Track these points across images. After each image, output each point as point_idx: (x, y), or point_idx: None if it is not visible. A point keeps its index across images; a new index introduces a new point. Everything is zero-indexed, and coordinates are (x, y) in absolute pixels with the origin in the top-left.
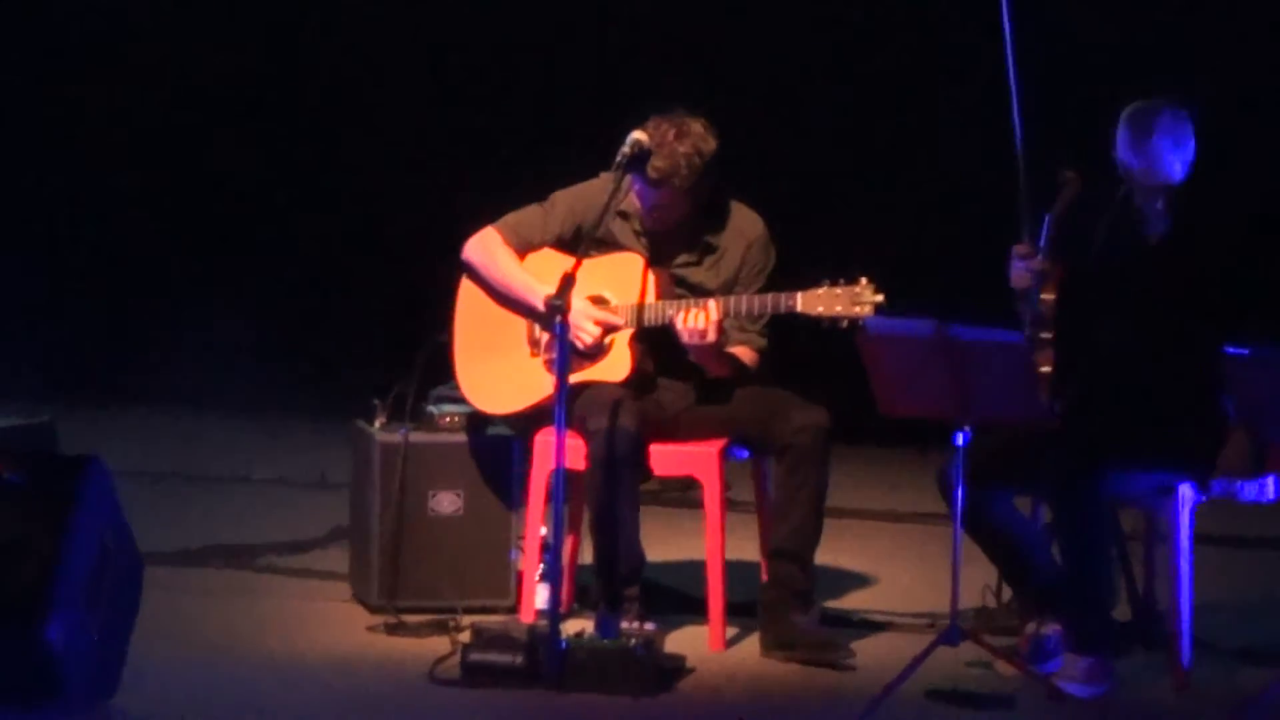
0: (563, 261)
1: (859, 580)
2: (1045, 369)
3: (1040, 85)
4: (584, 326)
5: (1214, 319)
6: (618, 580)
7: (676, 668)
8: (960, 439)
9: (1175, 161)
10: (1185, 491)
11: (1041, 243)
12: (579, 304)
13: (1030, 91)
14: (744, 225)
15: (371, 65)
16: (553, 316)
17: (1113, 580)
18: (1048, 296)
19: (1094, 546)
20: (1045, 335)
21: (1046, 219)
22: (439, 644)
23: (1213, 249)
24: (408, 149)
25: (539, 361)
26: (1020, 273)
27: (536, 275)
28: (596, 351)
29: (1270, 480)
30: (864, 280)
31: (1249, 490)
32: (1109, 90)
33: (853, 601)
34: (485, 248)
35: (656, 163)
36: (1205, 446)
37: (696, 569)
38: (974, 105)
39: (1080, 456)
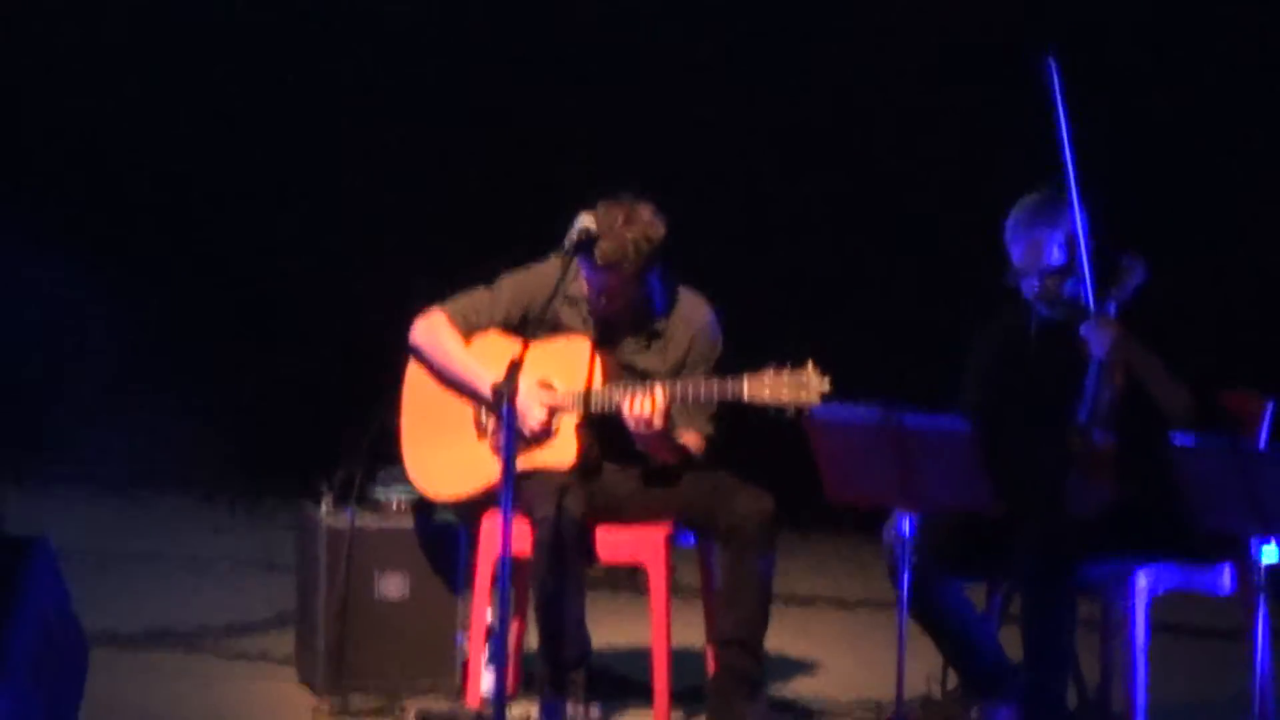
0: (508, 344)
1: (803, 667)
2: (1102, 454)
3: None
4: (531, 411)
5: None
6: (563, 665)
7: None
8: (906, 526)
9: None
10: (1141, 581)
11: None
12: (526, 387)
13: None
14: (691, 311)
15: (324, 140)
16: (500, 401)
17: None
18: (1120, 381)
19: (1062, 632)
20: (1104, 421)
21: (1111, 307)
22: None
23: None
24: (357, 225)
25: (486, 446)
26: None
27: (482, 358)
28: (543, 436)
29: (1226, 570)
30: (810, 366)
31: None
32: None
33: (797, 688)
34: (431, 330)
35: (604, 247)
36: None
37: (643, 655)
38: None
39: (1062, 545)
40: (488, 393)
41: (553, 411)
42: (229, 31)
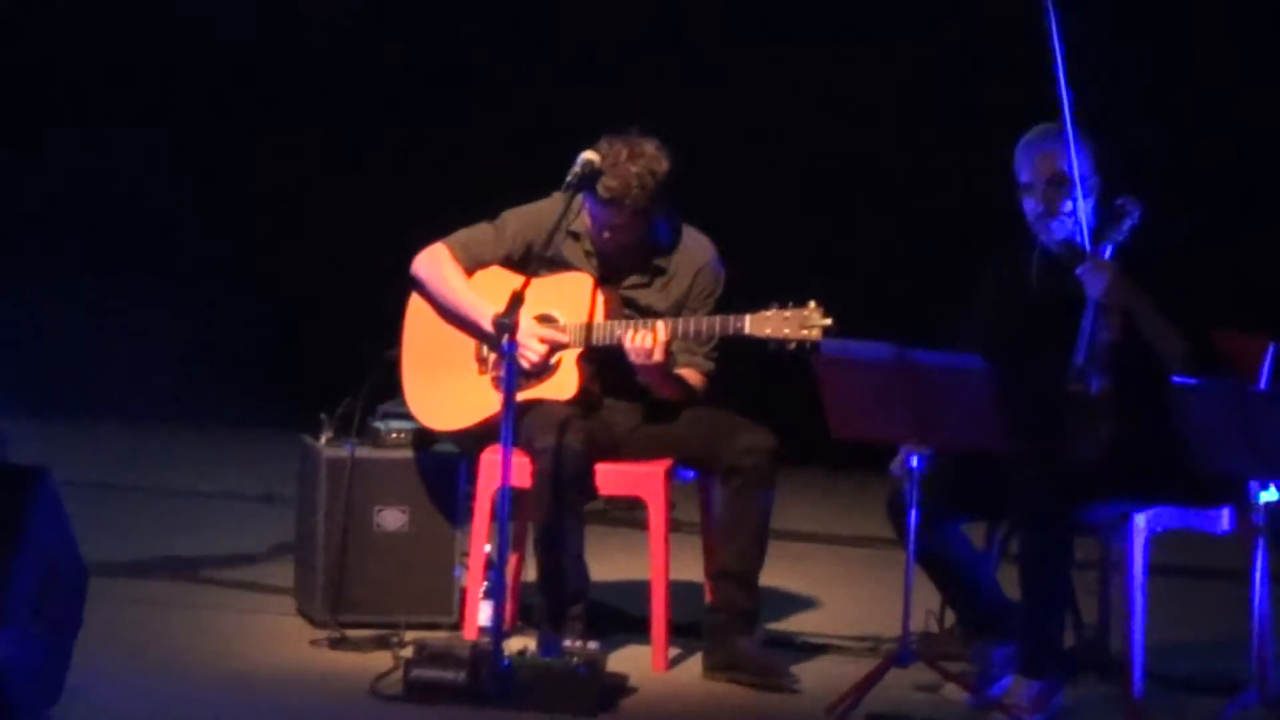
0: (511, 280)
1: (802, 603)
2: (1099, 399)
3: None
4: (529, 345)
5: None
6: (562, 599)
7: (619, 687)
8: (915, 463)
9: None
10: (1139, 522)
11: None
12: (525, 323)
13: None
14: (694, 249)
15: (326, 76)
16: (500, 335)
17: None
18: (1117, 325)
19: (1059, 573)
20: (1101, 364)
21: (1106, 249)
22: (381, 659)
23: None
24: (357, 161)
25: (487, 379)
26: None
27: (485, 293)
28: (544, 370)
29: (1225, 512)
30: (813, 304)
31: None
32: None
33: (796, 624)
34: (434, 263)
35: (608, 182)
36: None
37: (641, 589)
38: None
39: (1062, 486)
40: (488, 326)
41: (552, 347)
42: None
